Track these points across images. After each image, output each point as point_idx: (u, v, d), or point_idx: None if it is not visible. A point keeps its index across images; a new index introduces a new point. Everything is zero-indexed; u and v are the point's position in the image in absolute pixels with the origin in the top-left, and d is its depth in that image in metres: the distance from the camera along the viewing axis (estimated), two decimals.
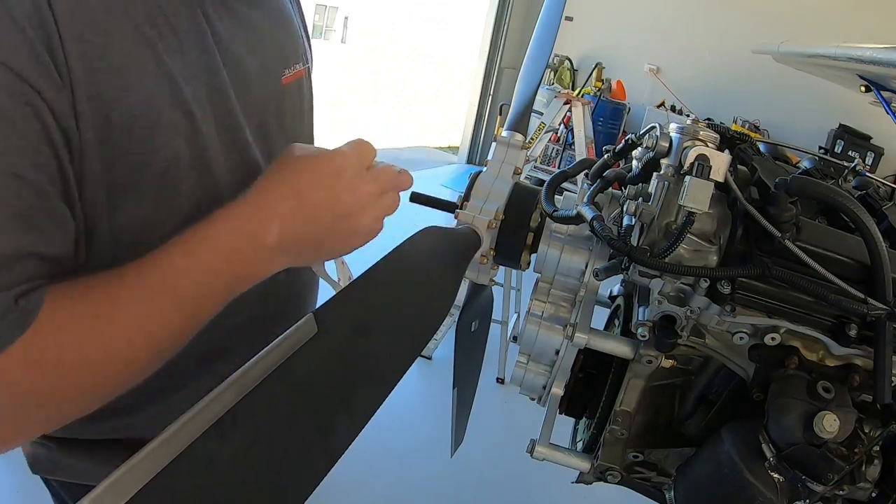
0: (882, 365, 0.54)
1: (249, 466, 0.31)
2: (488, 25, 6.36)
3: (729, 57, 5.24)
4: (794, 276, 0.55)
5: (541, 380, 0.74)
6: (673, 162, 0.60)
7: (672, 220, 0.59)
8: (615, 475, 0.71)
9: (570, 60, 5.89)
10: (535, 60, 0.86)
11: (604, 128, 5.32)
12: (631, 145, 0.69)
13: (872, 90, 1.73)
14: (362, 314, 0.44)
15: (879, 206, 0.65)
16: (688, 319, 0.60)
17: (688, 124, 0.61)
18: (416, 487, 2.22)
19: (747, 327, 0.59)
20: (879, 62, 1.38)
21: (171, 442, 0.27)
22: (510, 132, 0.77)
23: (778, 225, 0.55)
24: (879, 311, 0.54)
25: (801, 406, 0.55)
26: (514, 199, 0.72)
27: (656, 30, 5.72)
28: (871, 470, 0.59)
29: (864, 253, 0.55)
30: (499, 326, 2.82)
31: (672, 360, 0.66)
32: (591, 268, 0.70)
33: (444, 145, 8.40)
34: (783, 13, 5.00)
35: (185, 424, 0.29)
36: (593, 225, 0.60)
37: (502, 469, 2.34)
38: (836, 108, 4.81)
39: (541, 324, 0.71)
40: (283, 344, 0.36)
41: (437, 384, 2.73)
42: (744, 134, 0.67)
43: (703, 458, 0.63)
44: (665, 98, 5.71)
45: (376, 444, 2.20)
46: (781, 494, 0.55)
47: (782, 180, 0.57)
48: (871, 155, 4.86)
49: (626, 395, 0.67)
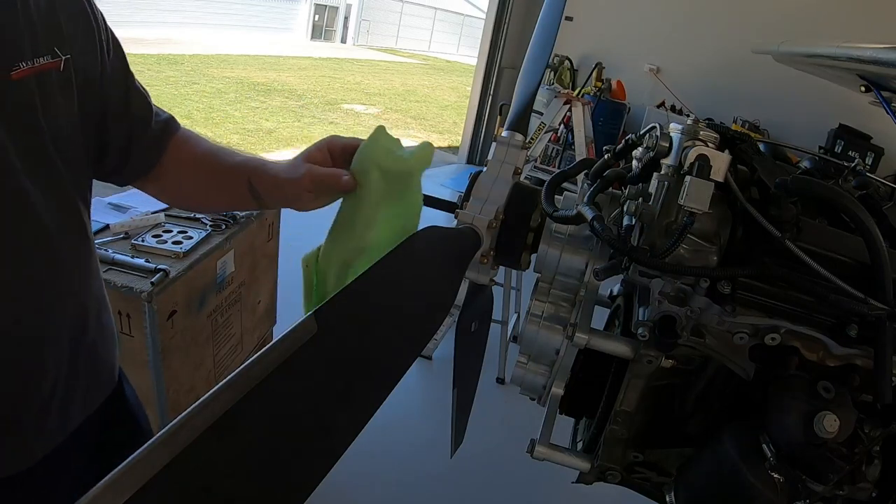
0: (882, 365, 0.54)
1: (249, 466, 0.31)
2: (488, 25, 6.36)
3: (729, 57, 5.24)
4: (794, 276, 0.55)
5: (541, 380, 0.74)
6: (673, 162, 0.59)
7: (672, 220, 0.59)
8: (615, 475, 0.71)
9: (570, 60, 5.89)
10: (535, 60, 0.86)
11: (604, 128, 5.31)
12: (631, 145, 0.69)
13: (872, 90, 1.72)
14: (362, 314, 0.44)
15: (880, 206, 0.65)
16: (688, 319, 0.60)
17: (688, 124, 0.61)
18: (415, 487, 2.22)
19: (747, 327, 0.59)
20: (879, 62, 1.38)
21: (170, 442, 0.27)
22: (510, 132, 0.77)
23: (778, 225, 0.55)
24: (880, 311, 0.54)
25: (802, 406, 0.55)
26: (514, 199, 0.72)
27: (656, 30, 5.72)
28: (872, 470, 0.59)
29: (864, 253, 0.55)
30: (499, 326, 2.82)
31: (672, 360, 0.66)
32: (591, 268, 0.70)
33: (444, 145, 8.41)
34: (783, 13, 5.00)
35: (184, 424, 0.29)
36: (593, 225, 0.60)
37: (502, 469, 2.34)
38: (836, 108, 4.81)
39: (541, 324, 0.71)
40: (283, 343, 0.36)
41: (437, 384, 2.73)
42: (744, 134, 0.67)
43: (704, 459, 0.63)
44: (665, 98, 5.71)
45: (376, 444, 2.20)
46: (782, 494, 0.55)
47: (782, 180, 0.57)
48: (871, 155, 4.86)
49: (626, 395, 0.67)
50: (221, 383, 0.32)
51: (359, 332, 0.43)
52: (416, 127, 9.42)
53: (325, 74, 12.97)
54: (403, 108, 10.86)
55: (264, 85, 10.28)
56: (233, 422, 0.30)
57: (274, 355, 0.35)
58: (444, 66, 21.34)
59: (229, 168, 0.84)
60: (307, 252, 0.70)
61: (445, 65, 22.26)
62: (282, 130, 7.62)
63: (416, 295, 0.53)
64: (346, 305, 0.42)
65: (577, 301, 0.72)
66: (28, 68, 0.64)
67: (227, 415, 0.30)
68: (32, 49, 0.65)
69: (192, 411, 0.30)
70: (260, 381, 0.33)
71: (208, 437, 0.29)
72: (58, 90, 0.69)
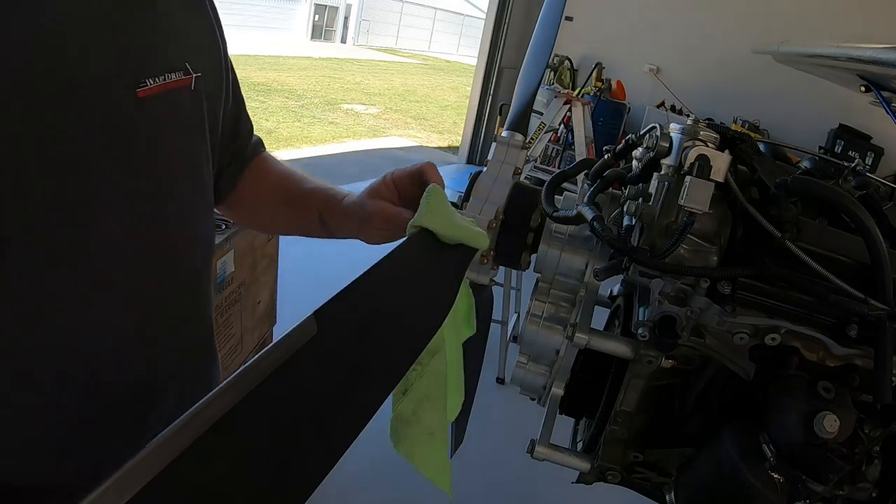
0: (882, 365, 0.54)
1: (249, 467, 0.31)
2: (488, 25, 6.36)
3: (729, 57, 5.24)
4: (794, 277, 0.55)
5: (541, 380, 0.74)
6: (673, 162, 0.59)
7: (672, 220, 0.59)
8: (615, 475, 0.71)
9: (570, 60, 5.89)
10: (535, 60, 0.86)
11: (604, 128, 5.31)
12: (631, 145, 0.69)
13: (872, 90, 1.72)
14: (362, 314, 0.44)
15: (880, 207, 0.65)
16: (688, 320, 0.60)
17: (688, 124, 0.61)
18: (415, 487, 2.22)
19: (748, 327, 0.59)
20: (879, 62, 1.38)
21: (170, 443, 0.27)
22: (510, 132, 0.77)
23: (778, 225, 0.55)
24: (880, 311, 0.54)
25: (802, 406, 0.55)
26: (514, 199, 0.72)
27: (656, 30, 5.72)
28: (872, 470, 0.59)
29: (864, 253, 0.55)
30: (499, 326, 2.82)
31: (672, 361, 0.66)
32: (591, 268, 0.70)
33: (444, 145, 8.41)
34: (783, 13, 5.00)
35: (185, 425, 0.29)
36: (593, 225, 0.60)
37: (502, 469, 2.34)
38: (836, 108, 4.81)
39: (541, 324, 0.71)
40: (283, 344, 0.36)
41: None
42: (744, 134, 0.67)
43: (704, 459, 0.63)
44: (665, 98, 5.72)
45: (376, 444, 2.20)
46: (782, 494, 0.55)
47: (783, 180, 0.57)
48: (871, 155, 4.86)
49: (626, 395, 0.67)
50: (222, 384, 0.32)
51: (359, 332, 0.43)
52: (416, 127, 9.42)
53: (324, 74, 12.98)
54: (403, 108, 10.86)
55: (264, 85, 10.28)
56: (233, 423, 0.30)
57: (274, 356, 0.35)
58: (444, 66, 21.34)
59: (302, 196, 0.84)
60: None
61: (445, 65, 22.26)
62: (281, 130, 7.62)
63: (416, 295, 0.53)
64: (345, 306, 0.42)
65: (577, 301, 0.72)
66: (156, 85, 0.59)
67: (227, 416, 0.30)
68: (163, 63, 0.60)
69: (192, 412, 0.30)
70: (260, 382, 0.33)
71: (209, 438, 0.29)
72: (188, 109, 0.65)
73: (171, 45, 0.62)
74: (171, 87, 0.61)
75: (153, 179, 0.62)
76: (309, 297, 0.89)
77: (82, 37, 0.52)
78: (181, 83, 0.62)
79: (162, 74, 0.59)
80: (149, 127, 0.59)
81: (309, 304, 0.39)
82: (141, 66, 0.58)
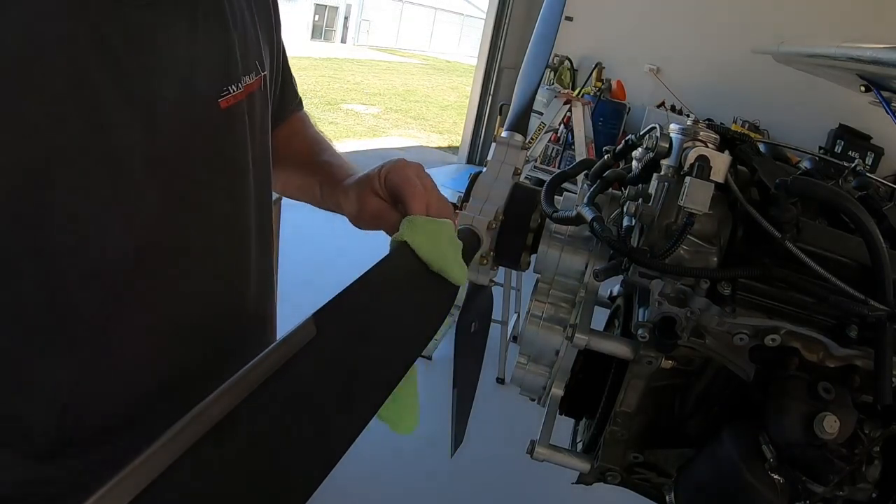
0: (882, 366, 0.54)
1: (249, 469, 0.31)
2: (488, 25, 6.36)
3: (729, 57, 5.24)
4: (794, 277, 0.55)
5: (541, 380, 0.74)
6: (673, 163, 0.59)
7: (672, 220, 0.59)
8: (615, 476, 0.70)
9: (570, 60, 5.89)
10: (535, 60, 0.86)
11: (604, 128, 5.32)
12: (631, 146, 0.69)
13: (872, 90, 1.72)
14: (362, 315, 0.44)
15: (880, 207, 0.65)
16: (688, 320, 0.60)
17: (688, 125, 0.61)
18: (416, 487, 2.22)
19: (748, 328, 0.59)
20: (879, 62, 1.38)
21: (170, 446, 0.27)
22: (510, 132, 0.77)
23: (778, 226, 0.55)
24: (880, 311, 0.54)
25: (802, 407, 0.55)
26: (514, 199, 0.72)
27: (656, 30, 5.72)
28: (872, 470, 0.59)
29: (864, 254, 0.55)
30: (499, 326, 2.82)
31: (672, 361, 0.66)
32: (591, 268, 0.70)
33: (444, 145, 8.41)
34: (783, 13, 5.00)
35: (184, 428, 0.29)
36: (593, 226, 0.60)
37: (502, 469, 2.34)
38: (836, 108, 4.81)
39: (541, 324, 0.71)
40: (282, 347, 0.36)
41: (437, 384, 2.71)
42: (744, 134, 0.67)
43: (704, 459, 0.63)
44: (665, 98, 5.71)
45: (376, 445, 2.20)
46: (782, 495, 0.55)
47: (783, 181, 0.57)
48: (871, 155, 4.86)
49: (626, 395, 0.67)
50: (222, 386, 0.32)
51: (357, 334, 0.43)
52: (416, 127, 9.42)
53: (325, 74, 12.97)
54: (403, 108, 10.85)
55: None
56: (233, 425, 0.30)
57: (273, 358, 0.35)
58: (444, 66, 21.34)
59: (313, 166, 0.86)
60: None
61: (445, 65, 22.26)
62: None
63: (416, 295, 0.53)
64: (344, 307, 0.42)
65: (576, 302, 0.72)
66: (237, 93, 0.61)
67: (227, 418, 0.30)
68: (244, 67, 0.62)
69: (192, 415, 0.30)
70: (259, 384, 0.33)
71: (208, 440, 0.29)
72: (259, 109, 0.67)
73: (250, 47, 0.64)
74: (248, 93, 0.63)
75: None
76: (309, 280, 0.89)
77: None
78: (254, 86, 0.64)
79: (238, 81, 0.61)
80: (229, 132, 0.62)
81: (308, 300, 0.39)
82: (226, 74, 0.60)
